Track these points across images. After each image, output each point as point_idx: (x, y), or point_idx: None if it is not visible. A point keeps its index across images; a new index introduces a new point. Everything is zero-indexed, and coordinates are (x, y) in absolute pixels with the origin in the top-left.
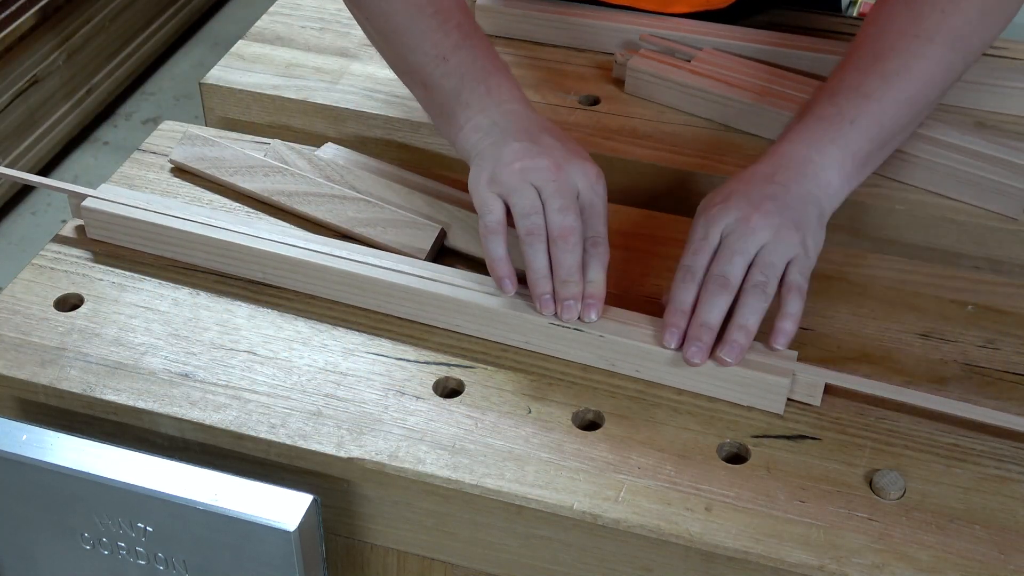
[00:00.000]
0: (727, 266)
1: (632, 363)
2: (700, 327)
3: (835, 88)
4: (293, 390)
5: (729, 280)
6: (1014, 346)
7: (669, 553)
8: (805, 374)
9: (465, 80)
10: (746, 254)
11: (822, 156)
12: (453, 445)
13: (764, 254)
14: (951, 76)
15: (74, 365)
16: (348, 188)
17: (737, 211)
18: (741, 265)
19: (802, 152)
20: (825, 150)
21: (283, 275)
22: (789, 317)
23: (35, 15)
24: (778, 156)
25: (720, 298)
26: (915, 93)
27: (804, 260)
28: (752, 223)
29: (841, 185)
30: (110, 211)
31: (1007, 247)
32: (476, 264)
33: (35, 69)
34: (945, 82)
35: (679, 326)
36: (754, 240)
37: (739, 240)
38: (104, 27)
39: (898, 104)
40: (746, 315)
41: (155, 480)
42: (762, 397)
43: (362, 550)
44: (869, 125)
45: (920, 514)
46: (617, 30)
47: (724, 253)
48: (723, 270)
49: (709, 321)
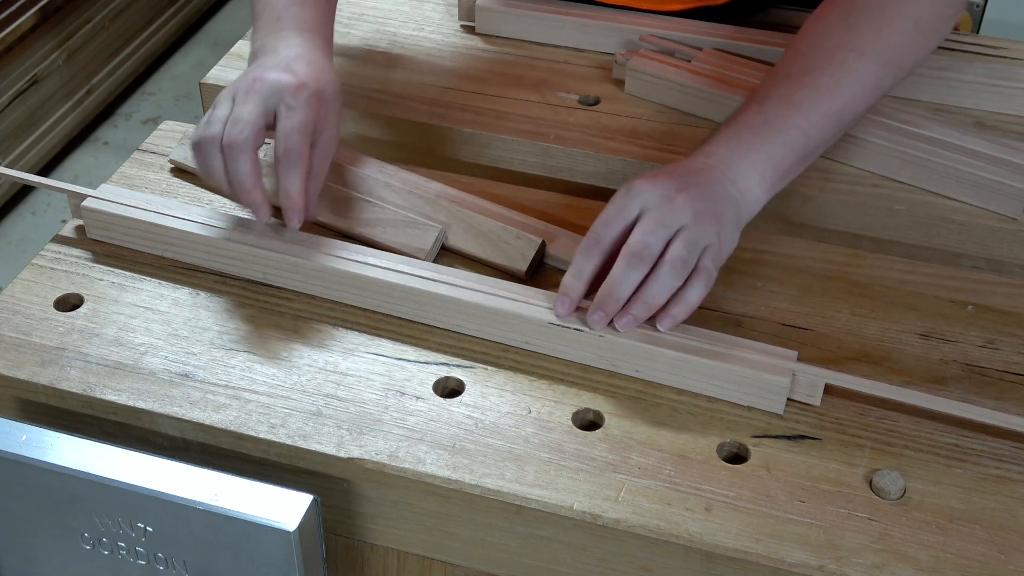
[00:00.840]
0: (650, 236)
1: (632, 363)
2: (607, 297)
3: (765, 96)
4: (293, 390)
5: (648, 250)
6: (1014, 346)
7: (669, 553)
8: (805, 374)
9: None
10: (668, 228)
11: (747, 163)
12: (453, 445)
13: (686, 231)
14: (879, 92)
15: (74, 365)
16: (348, 188)
17: (661, 189)
18: (663, 238)
19: (728, 156)
20: (750, 157)
21: (283, 275)
22: (685, 303)
23: (35, 15)
24: (704, 155)
25: (635, 272)
26: (843, 107)
27: (717, 251)
28: (676, 202)
29: (761, 195)
30: (110, 211)
31: (1007, 247)
32: (476, 264)
33: (35, 69)
34: (873, 98)
35: (571, 295)
36: (675, 218)
37: (662, 214)
38: (104, 27)
39: (826, 118)
40: (655, 291)
41: (155, 480)
42: (762, 397)
43: (362, 550)
44: (795, 137)
45: (920, 514)
46: (617, 30)
47: (647, 223)
48: (644, 240)
49: (619, 293)
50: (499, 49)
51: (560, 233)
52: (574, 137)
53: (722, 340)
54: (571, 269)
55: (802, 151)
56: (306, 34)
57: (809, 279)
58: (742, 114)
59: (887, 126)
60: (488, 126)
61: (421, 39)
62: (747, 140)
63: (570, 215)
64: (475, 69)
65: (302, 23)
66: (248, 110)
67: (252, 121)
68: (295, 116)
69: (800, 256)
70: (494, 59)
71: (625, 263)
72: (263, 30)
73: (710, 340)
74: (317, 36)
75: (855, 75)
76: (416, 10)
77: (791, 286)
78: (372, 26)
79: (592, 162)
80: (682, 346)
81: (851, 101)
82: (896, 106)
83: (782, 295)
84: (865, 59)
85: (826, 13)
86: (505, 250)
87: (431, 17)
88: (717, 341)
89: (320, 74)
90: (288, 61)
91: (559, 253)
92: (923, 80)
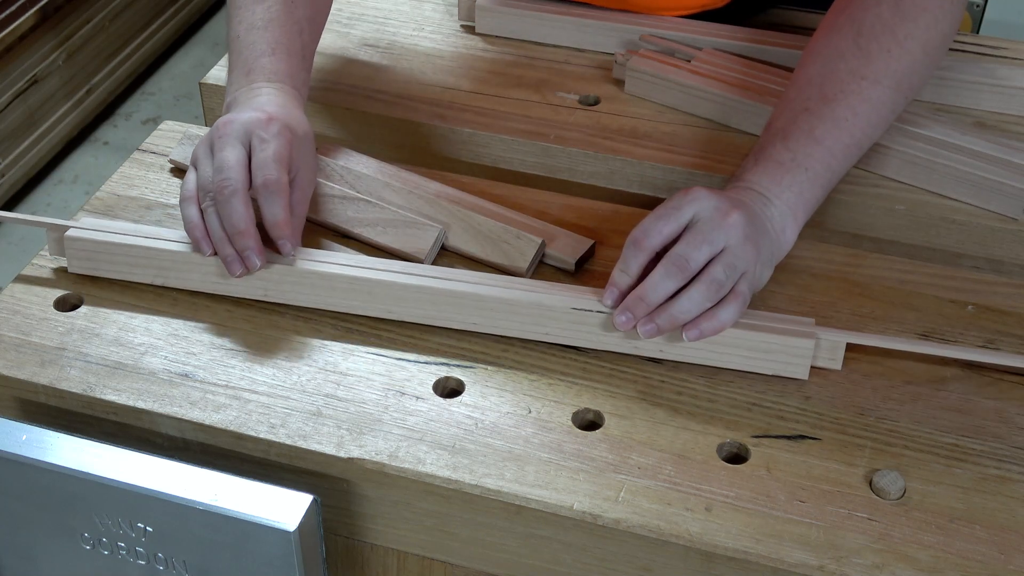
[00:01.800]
0: (693, 251)
1: (656, 343)
2: (639, 301)
3: (788, 131)
4: (293, 390)
5: (689, 265)
6: (1014, 346)
7: (669, 553)
8: (826, 337)
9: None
10: (714, 245)
11: (781, 202)
12: (453, 445)
13: (729, 254)
14: (892, 117)
15: (74, 365)
16: (348, 188)
17: (717, 201)
18: (706, 255)
19: (763, 195)
20: (783, 196)
21: (285, 292)
22: (716, 320)
23: (35, 15)
24: (742, 191)
25: (672, 281)
26: (861, 137)
27: (753, 278)
28: (729, 218)
29: (792, 235)
30: (95, 239)
31: (1007, 247)
32: (476, 264)
33: (35, 69)
34: (887, 123)
35: (621, 287)
36: (724, 235)
37: (712, 229)
38: (104, 27)
39: (847, 149)
40: (686, 307)
41: (155, 480)
42: (787, 363)
43: (362, 550)
44: (821, 172)
45: (920, 514)
46: (617, 30)
47: (694, 236)
48: (688, 254)
49: (651, 299)
50: (499, 49)
51: (560, 233)
52: (574, 137)
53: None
54: (620, 264)
55: (827, 185)
56: (277, 84)
57: (809, 279)
58: (767, 149)
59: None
60: (488, 126)
61: (421, 39)
62: (778, 178)
63: (570, 215)
64: (475, 69)
65: (273, 75)
66: (227, 154)
67: (235, 163)
68: (268, 147)
69: (800, 256)
70: (494, 59)
71: (664, 271)
72: (235, 84)
73: None
74: (288, 87)
75: (871, 104)
76: (416, 10)
77: (791, 286)
78: (372, 26)
79: (592, 162)
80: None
81: (868, 129)
82: None
83: (782, 295)
84: (879, 86)
85: (834, 35)
86: (505, 250)
87: (431, 17)
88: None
89: (291, 113)
90: (259, 105)
91: (559, 253)
92: None
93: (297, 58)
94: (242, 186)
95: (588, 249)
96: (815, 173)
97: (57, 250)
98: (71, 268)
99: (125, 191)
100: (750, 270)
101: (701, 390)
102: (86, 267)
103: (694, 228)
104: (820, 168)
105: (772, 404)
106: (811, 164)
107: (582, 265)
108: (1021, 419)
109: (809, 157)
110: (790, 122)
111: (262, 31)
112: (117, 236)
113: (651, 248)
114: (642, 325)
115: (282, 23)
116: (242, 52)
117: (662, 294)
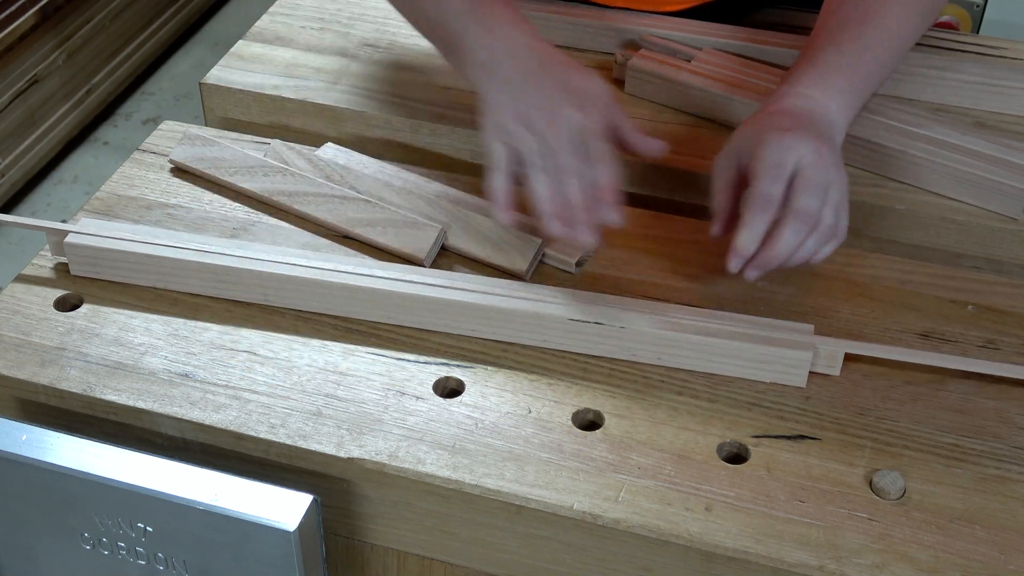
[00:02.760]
0: (813, 201)
1: (654, 351)
2: (772, 258)
3: (839, 38)
4: (293, 390)
5: (812, 216)
6: (1014, 346)
7: (669, 553)
8: (824, 346)
9: (461, 16)
10: (824, 189)
11: (837, 104)
12: (453, 445)
13: (833, 193)
14: (915, 41)
15: (74, 365)
16: (348, 188)
17: (810, 143)
18: (822, 200)
19: (819, 97)
20: (838, 99)
21: (285, 296)
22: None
23: (35, 15)
24: (799, 98)
25: (801, 235)
26: (899, 50)
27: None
28: (824, 157)
29: (845, 130)
30: (96, 245)
31: (1007, 247)
32: (476, 265)
33: (35, 69)
34: (911, 45)
35: (746, 253)
36: (826, 175)
37: (817, 173)
38: (104, 27)
39: (886, 63)
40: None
41: (155, 480)
42: (784, 373)
43: (362, 550)
44: (868, 78)
45: (920, 514)
46: (617, 30)
47: (807, 185)
48: (809, 205)
49: (782, 254)
50: None
51: None
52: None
53: (737, 319)
54: (747, 229)
55: (871, 92)
56: (520, 25)
57: (809, 279)
58: (820, 54)
59: (887, 126)
60: None
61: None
62: (834, 81)
63: None
64: None
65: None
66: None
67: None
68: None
69: None
70: None
71: (793, 228)
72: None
73: (727, 320)
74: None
75: (902, 24)
76: None
77: (791, 286)
78: (372, 26)
79: None
80: (702, 329)
81: (901, 47)
82: (896, 106)
83: (782, 295)
84: (908, 10)
85: None
86: (505, 250)
87: None
88: (733, 321)
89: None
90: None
91: (559, 253)
92: (923, 80)
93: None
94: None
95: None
96: (862, 77)
97: (58, 251)
98: (73, 271)
99: (125, 191)
100: (846, 196)
101: (701, 390)
102: (88, 270)
103: (804, 177)
104: (866, 74)
105: (772, 404)
106: (861, 65)
107: (582, 265)
108: (1021, 419)
109: (859, 59)
110: (837, 29)
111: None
112: (117, 242)
113: (776, 208)
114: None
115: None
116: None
117: (793, 248)
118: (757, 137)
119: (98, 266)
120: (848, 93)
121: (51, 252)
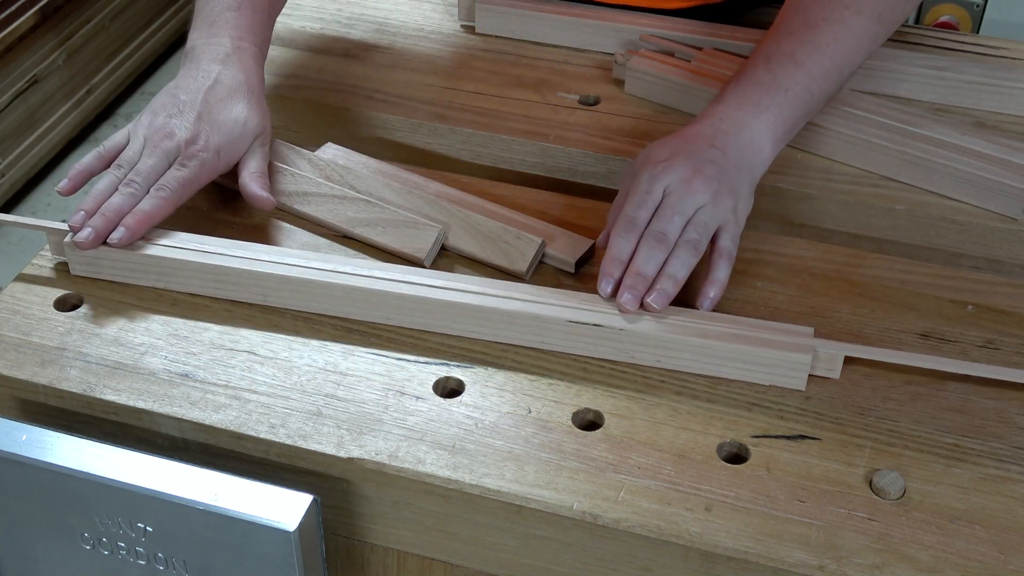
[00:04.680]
0: (668, 224)
1: (653, 353)
2: (636, 276)
3: (770, 54)
4: (293, 390)
5: (667, 237)
6: (1014, 346)
7: (669, 553)
8: (824, 349)
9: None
10: (684, 214)
11: (758, 123)
12: (453, 445)
13: (700, 215)
14: (874, 47)
15: (74, 365)
16: (348, 188)
17: (680, 171)
18: (680, 224)
19: (740, 117)
20: (761, 116)
21: (285, 297)
22: (716, 283)
23: (35, 15)
24: (718, 119)
25: (657, 252)
26: (842, 63)
27: (735, 227)
28: (693, 185)
29: (771, 153)
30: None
31: (1007, 247)
32: (476, 265)
33: (35, 69)
34: (868, 53)
35: (614, 275)
36: (693, 202)
37: (680, 200)
38: (104, 27)
39: (827, 73)
40: (676, 267)
41: (155, 480)
42: (784, 376)
43: (362, 550)
44: (801, 94)
45: (920, 514)
46: (617, 30)
47: (665, 212)
48: (663, 227)
49: (645, 272)
50: (499, 49)
51: (560, 233)
52: (574, 137)
53: (737, 322)
54: (610, 252)
55: (807, 107)
56: (236, 41)
57: (809, 279)
58: (749, 72)
59: (887, 126)
60: (488, 126)
61: (421, 39)
62: (757, 99)
63: (570, 215)
64: (475, 69)
65: (235, 29)
66: (151, 163)
67: (151, 173)
68: (182, 172)
69: (800, 256)
70: (494, 59)
71: (648, 246)
72: (197, 30)
73: (726, 323)
74: (247, 42)
75: (852, 31)
76: (416, 10)
77: (791, 286)
78: (372, 26)
79: (592, 162)
80: (702, 332)
81: (849, 57)
82: (896, 106)
83: (782, 295)
84: (860, 16)
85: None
86: (505, 250)
87: (431, 17)
88: (733, 323)
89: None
90: (203, 90)
91: (559, 253)
92: (923, 80)
93: (263, 14)
94: (143, 192)
95: (588, 249)
96: (795, 94)
97: (59, 251)
98: (73, 271)
99: None
100: (729, 219)
101: (701, 390)
102: (88, 270)
103: (665, 204)
104: (799, 90)
105: (772, 404)
106: (791, 86)
107: (582, 265)
108: (1021, 419)
109: (789, 78)
110: (772, 45)
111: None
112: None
113: (638, 233)
114: (649, 296)
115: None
116: (208, 2)
117: (655, 264)
118: (642, 165)
119: (98, 266)
120: (772, 110)
121: (51, 252)
